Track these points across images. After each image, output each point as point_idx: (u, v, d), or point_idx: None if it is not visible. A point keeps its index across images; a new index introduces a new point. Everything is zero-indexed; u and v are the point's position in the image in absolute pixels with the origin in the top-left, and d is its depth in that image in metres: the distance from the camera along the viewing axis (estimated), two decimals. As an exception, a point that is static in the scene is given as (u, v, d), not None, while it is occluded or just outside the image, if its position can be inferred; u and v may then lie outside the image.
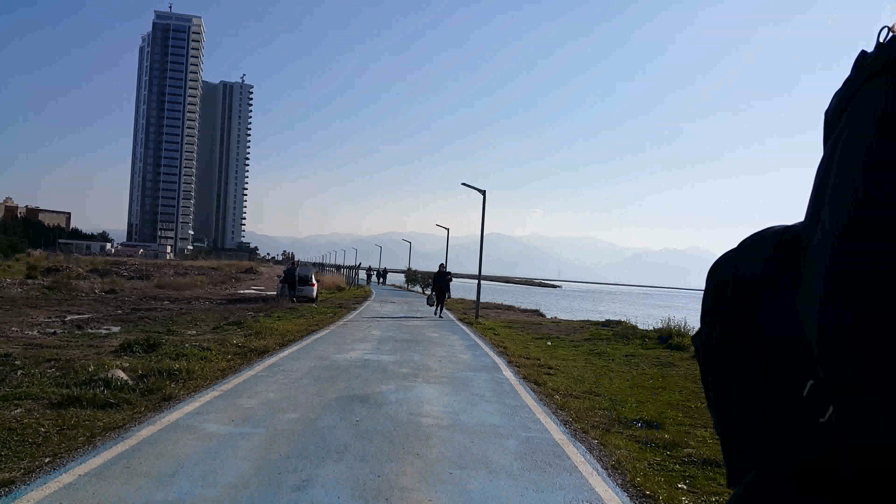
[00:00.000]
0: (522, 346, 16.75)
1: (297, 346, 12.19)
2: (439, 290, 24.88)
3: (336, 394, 7.54)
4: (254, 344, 11.62)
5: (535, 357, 13.58)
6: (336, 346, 12.66)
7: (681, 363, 13.74)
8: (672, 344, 16.77)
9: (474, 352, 13.35)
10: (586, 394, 9.47)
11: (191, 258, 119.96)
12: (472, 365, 11.16)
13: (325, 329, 16.52)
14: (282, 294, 29.67)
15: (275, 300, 28.59)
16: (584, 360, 14.22)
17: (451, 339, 15.72)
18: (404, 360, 11.18)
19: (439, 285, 24.98)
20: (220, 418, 6.09)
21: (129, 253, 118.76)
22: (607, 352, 15.72)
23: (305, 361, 10.12)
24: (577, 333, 22.11)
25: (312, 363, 9.97)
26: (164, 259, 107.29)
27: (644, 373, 12.25)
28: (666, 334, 18.57)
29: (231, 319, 19.57)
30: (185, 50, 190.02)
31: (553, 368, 11.92)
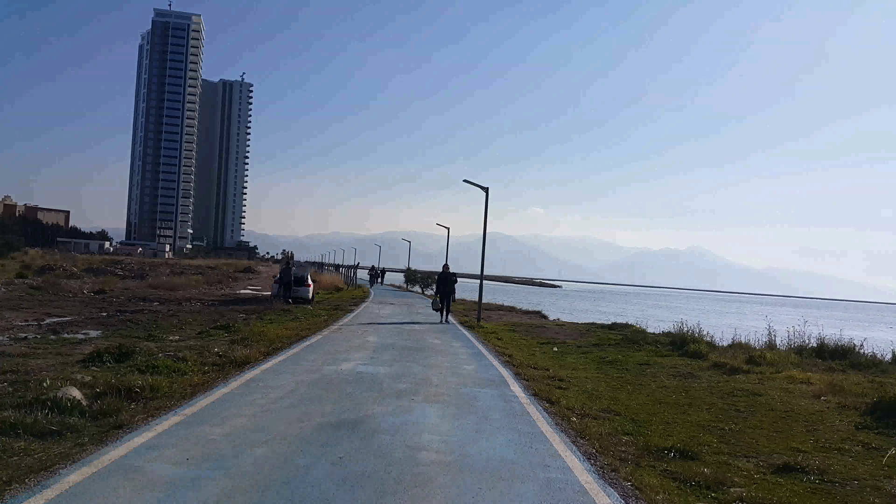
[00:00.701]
0: (528, 353, 15.69)
1: (283, 356, 11.10)
2: (444, 293, 22.40)
3: (320, 419, 6.45)
4: (237, 353, 10.54)
5: (544, 367, 12.52)
6: (328, 355, 11.58)
7: (702, 374, 12.66)
8: (688, 351, 15.68)
9: (479, 362, 12.28)
10: (605, 413, 8.41)
11: (190, 257, 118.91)
12: (477, 378, 10.08)
13: (319, 334, 15.45)
14: (276, 295, 28.57)
15: (269, 301, 27.52)
16: (595, 370, 13.16)
17: (453, 347, 14.64)
18: (403, 372, 10.11)
19: (444, 288, 22.49)
20: (173, 456, 5.01)
21: (128, 252, 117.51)
22: (619, 360, 14.65)
23: (290, 375, 9.03)
24: (584, 337, 21.06)
25: (298, 377, 8.88)
26: (163, 258, 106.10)
27: (664, 385, 11.18)
28: (680, 340, 17.49)
29: (220, 323, 18.53)
30: (184, 48, 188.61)
31: (564, 381, 10.86)
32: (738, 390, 10.74)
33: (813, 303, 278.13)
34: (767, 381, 11.72)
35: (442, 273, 23.20)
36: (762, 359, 14.40)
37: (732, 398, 10.07)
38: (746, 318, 72.60)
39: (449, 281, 22.49)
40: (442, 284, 22.57)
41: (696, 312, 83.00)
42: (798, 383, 11.57)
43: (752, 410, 9.14)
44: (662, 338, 19.66)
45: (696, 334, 18.05)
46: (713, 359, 14.66)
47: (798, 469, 6.17)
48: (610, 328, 25.56)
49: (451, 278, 22.67)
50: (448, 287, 22.37)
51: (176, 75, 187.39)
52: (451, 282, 22.59)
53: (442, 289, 22.49)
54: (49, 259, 53.74)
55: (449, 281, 22.49)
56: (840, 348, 15.71)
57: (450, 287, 22.46)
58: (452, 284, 22.61)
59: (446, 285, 22.39)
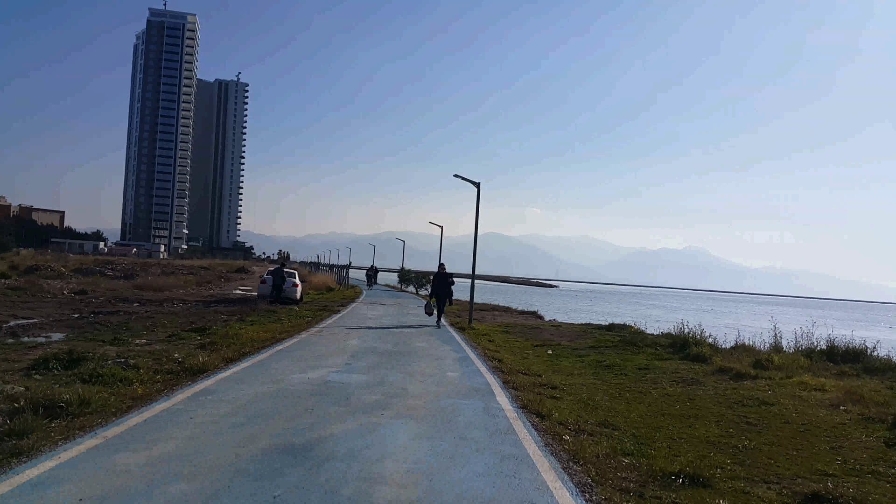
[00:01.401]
0: (520, 356, 14.74)
1: (249, 362, 10.12)
2: (440, 294, 20.64)
3: (266, 442, 5.47)
4: (197, 359, 9.57)
5: (536, 373, 11.57)
6: (299, 361, 10.60)
7: (707, 380, 11.70)
8: (690, 354, 14.73)
9: (465, 367, 11.30)
10: (602, 428, 7.46)
11: (185, 257, 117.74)
12: (460, 387, 9.11)
13: (296, 337, 14.47)
14: (263, 295, 27.64)
15: (253, 302, 26.57)
16: (592, 375, 12.22)
17: (439, 351, 13.67)
18: (378, 381, 9.13)
19: (440, 289, 20.71)
20: (63, 496, 4.04)
21: (123, 252, 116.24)
22: (617, 364, 13.71)
23: (249, 386, 8.05)
24: (580, 339, 20.13)
25: (257, 388, 7.90)
26: (158, 258, 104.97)
27: (666, 393, 10.23)
28: (681, 342, 16.55)
29: (197, 324, 17.58)
30: (179, 47, 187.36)
31: (558, 389, 9.90)
32: (747, 399, 9.79)
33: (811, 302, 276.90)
34: (778, 388, 10.78)
35: (438, 273, 21.43)
36: (769, 363, 13.47)
37: (742, 408, 9.13)
38: (745, 318, 71.71)
39: (446, 281, 20.85)
40: (438, 285, 20.86)
41: (693, 312, 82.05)
42: (811, 390, 10.63)
43: (765, 423, 8.19)
44: (662, 340, 18.74)
45: (697, 336, 17.13)
46: (717, 363, 13.72)
47: (830, 500, 5.22)
48: (607, 329, 24.66)
49: (448, 279, 21.00)
50: (445, 288, 20.74)
51: (171, 75, 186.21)
52: (448, 282, 20.94)
53: (438, 290, 20.80)
54: (39, 259, 52.71)
55: (446, 281, 20.85)
56: (852, 351, 14.77)
57: (447, 288, 20.82)
58: (449, 285, 20.94)
59: (443, 286, 20.73)
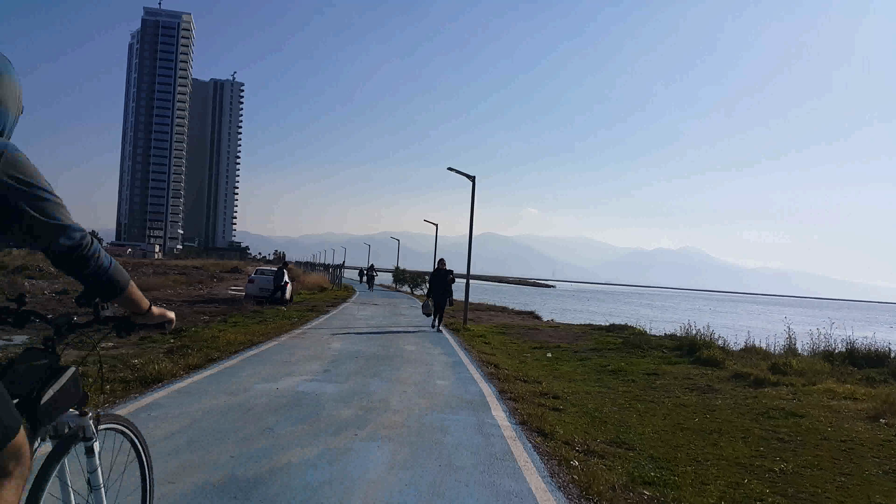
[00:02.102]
0: (518, 360, 13.70)
1: (215, 369, 9.04)
2: (438, 294, 18.71)
3: (202, 475, 4.37)
4: (156, 366, 8.50)
5: (535, 379, 10.52)
6: (271, 367, 9.52)
7: (723, 387, 10.66)
8: (701, 358, 13.70)
9: (457, 374, 10.24)
10: (614, 447, 6.41)
11: (180, 257, 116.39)
12: (450, 399, 8.04)
13: (276, 339, 13.40)
14: (249, 295, 26.73)
15: (238, 302, 25.54)
16: (596, 381, 11.17)
17: (430, 354, 12.60)
18: (356, 391, 8.05)
19: (438, 288, 18.73)
20: None
21: (118, 252, 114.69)
22: (623, 368, 12.66)
23: (204, 399, 6.97)
24: (581, 341, 19.12)
25: (213, 401, 6.82)
26: (153, 258, 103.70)
27: (681, 403, 9.18)
28: (689, 344, 15.53)
29: (175, 326, 16.47)
30: (174, 46, 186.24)
31: (560, 399, 8.85)
32: (771, 409, 8.75)
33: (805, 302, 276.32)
34: (804, 397, 9.74)
35: (437, 270, 19.40)
36: (788, 367, 12.44)
37: (769, 421, 8.09)
38: (744, 319, 70.80)
39: (445, 279, 18.94)
40: (437, 283, 18.90)
41: (691, 312, 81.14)
42: (841, 399, 9.60)
43: (799, 440, 7.15)
44: (667, 342, 17.73)
45: (706, 338, 16.10)
46: (731, 367, 12.69)
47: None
48: (608, 330, 23.71)
49: (449, 276, 19.09)
50: (444, 287, 18.80)
51: (166, 74, 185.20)
52: (448, 281, 19.03)
53: (436, 289, 18.81)
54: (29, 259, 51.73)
55: (445, 279, 18.94)
56: (875, 354, 13.74)
57: (446, 287, 18.88)
58: (449, 284, 19.04)
59: (442, 285, 18.78)
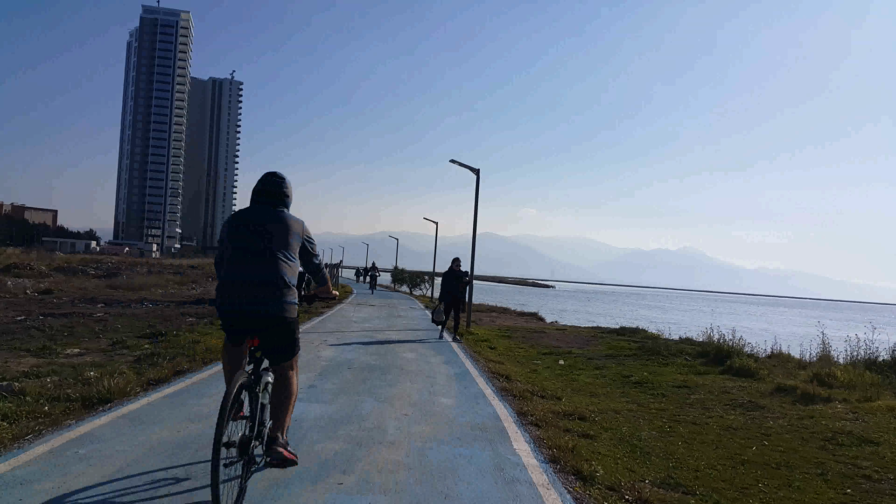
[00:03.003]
0: (529, 368, 12.35)
1: (179, 384, 7.66)
2: (453, 299, 16.16)
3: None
4: (108, 382, 7.15)
5: (554, 393, 9.16)
6: None
7: (768, 403, 9.29)
8: (733, 367, 12.34)
9: (464, 388, 8.87)
10: (668, 490, 5.06)
11: (177, 256, 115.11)
12: (459, 423, 6.65)
13: (261, 346, 12.05)
14: None
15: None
16: (621, 395, 9.82)
17: (431, 364, 11.23)
18: (346, 414, 6.69)
19: (452, 292, 16.19)
20: None
21: (115, 251, 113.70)
22: (648, 379, 11.31)
23: (155, 428, 5.58)
24: (591, 345, 17.80)
25: (164, 433, 5.42)
26: (150, 257, 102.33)
27: (728, 425, 7.82)
28: (715, 351, 14.18)
29: (156, 329, 15.22)
30: (172, 45, 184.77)
31: (587, 420, 7.50)
32: (837, 433, 7.40)
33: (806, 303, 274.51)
34: (867, 417, 8.38)
35: (450, 271, 16.56)
36: (832, 378, 11.09)
37: (841, 450, 6.73)
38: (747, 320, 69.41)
39: (461, 282, 16.43)
40: (449, 287, 16.26)
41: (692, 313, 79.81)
42: (912, 418, 8.27)
43: (891, 478, 5.81)
44: (688, 347, 16.41)
45: (733, 343, 14.72)
46: (769, 378, 11.36)
47: None
48: (619, 333, 22.46)
49: (464, 278, 16.61)
50: (459, 291, 16.33)
51: (164, 72, 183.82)
52: (464, 283, 16.61)
53: (450, 293, 16.20)
54: (23, 258, 50.58)
55: (461, 282, 16.43)
56: (925, 363, 12.40)
57: (461, 291, 16.44)
58: (465, 287, 16.66)
59: (456, 288, 16.27)
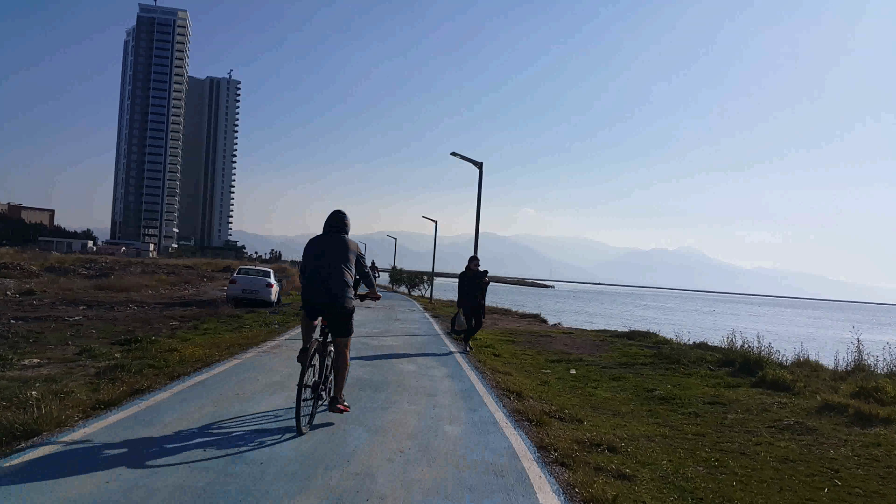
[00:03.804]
0: (539, 380, 11.13)
1: (131, 409, 6.36)
2: (470, 304, 13.91)
3: None
4: (44, 408, 5.91)
5: (573, 414, 7.92)
6: (213, 404, 6.85)
7: (819, 425, 8.03)
8: (766, 380, 11.10)
9: (471, 411, 7.58)
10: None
11: (174, 256, 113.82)
12: (468, 465, 5.31)
13: (241, 356, 10.78)
14: (231, 297, 24.41)
15: (214, 305, 23.05)
16: (648, 414, 8.59)
17: (433, 378, 9.96)
18: (326, 453, 5.38)
19: (469, 296, 13.94)
20: None
21: (111, 251, 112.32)
22: (674, 394, 10.06)
23: (79, 477, 4.31)
24: (602, 351, 16.61)
25: (88, 486, 4.14)
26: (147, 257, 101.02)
27: (784, 456, 6.57)
28: (742, 360, 12.95)
29: (134, 334, 14.06)
30: (170, 44, 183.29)
31: (618, 451, 6.27)
32: (916, 466, 6.20)
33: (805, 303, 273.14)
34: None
35: (468, 273, 14.19)
36: (881, 393, 9.86)
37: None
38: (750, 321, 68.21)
39: (478, 285, 14.12)
40: (467, 290, 13.97)
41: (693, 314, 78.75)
42: None
43: None
44: (709, 355, 15.19)
45: (760, 351, 13.49)
46: (809, 393, 10.14)
47: None
48: (629, 337, 21.28)
49: (483, 280, 14.25)
50: (476, 295, 14.01)
51: (161, 72, 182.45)
52: (483, 285, 14.27)
53: (467, 297, 13.93)
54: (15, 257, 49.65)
55: (478, 285, 14.12)
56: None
57: (480, 295, 14.13)
58: (483, 289, 14.29)
59: (473, 291, 13.95)
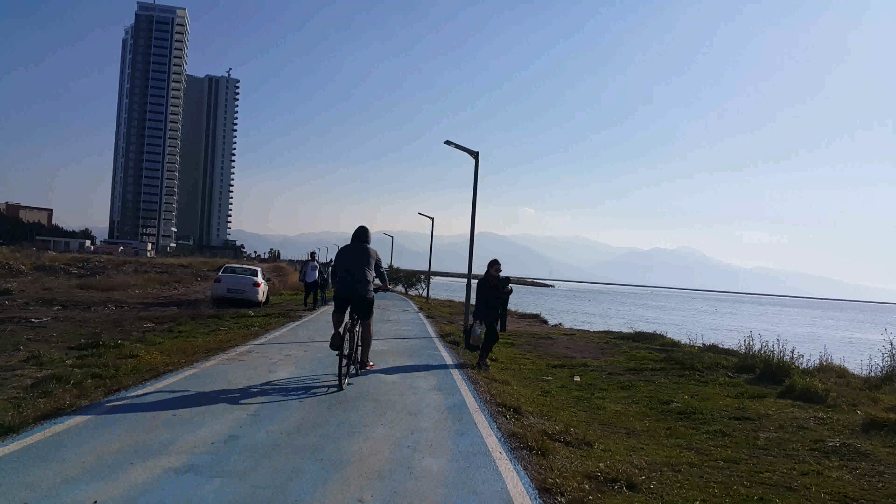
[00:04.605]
0: (539, 389, 9.91)
1: (35, 436, 5.13)
2: (489, 315, 11.33)
3: None
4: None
5: (579, 434, 6.67)
6: (142, 430, 5.64)
7: (867, 444, 6.78)
8: (794, 389, 9.84)
9: (459, 436, 6.24)
10: None
11: (172, 255, 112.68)
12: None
13: (201, 364, 9.57)
14: (216, 297, 23.47)
15: (195, 305, 21.92)
16: (667, 435, 7.36)
17: (417, 390, 8.69)
18: (262, 501, 4.23)
19: (489, 305, 11.34)
20: None
21: (109, 250, 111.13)
22: (694, 407, 8.82)
23: None
24: (608, 355, 15.44)
25: None
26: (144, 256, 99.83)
27: (837, 489, 5.31)
28: (763, 366, 11.71)
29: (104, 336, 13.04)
30: (168, 42, 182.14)
31: (638, 488, 5.03)
32: None
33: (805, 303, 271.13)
34: None
35: (487, 277, 11.52)
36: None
37: None
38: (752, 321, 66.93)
39: (502, 296, 11.60)
40: (488, 299, 11.38)
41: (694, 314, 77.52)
42: None
43: None
44: (723, 359, 13.98)
45: (783, 356, 12.23)
46: (846, 406, 8.91)
47: None
48: (634, 339, 20.12)
49: (505, 287, 11.64)
50: (497, 303, 11.49)
51: (160, 70, 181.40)
52: (505, 294, 11.65)
53: (487, 306, 11.35)
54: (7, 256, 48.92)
55: (502, 296, 11.60)
56: None
57: (500, 303, 11.59)
58: (505, 298, 11.72)
59: (496, 301, 11.46)
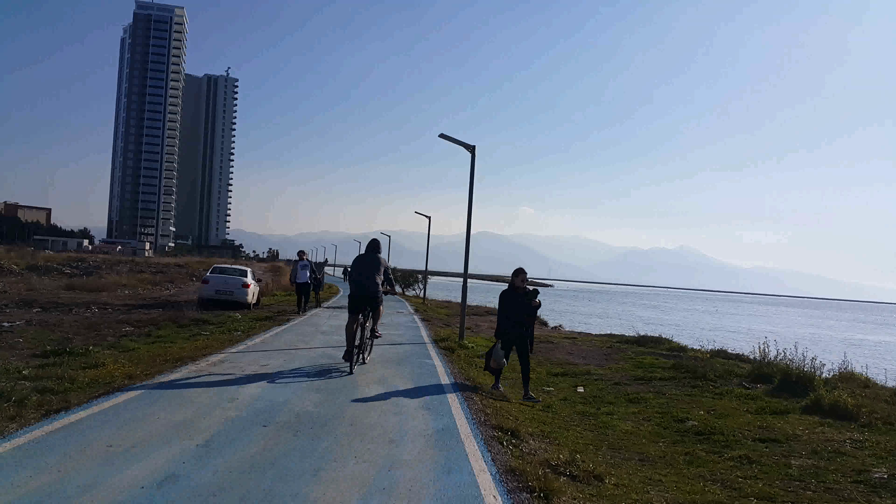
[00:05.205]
0: (541, 406, 9.04)
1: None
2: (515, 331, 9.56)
3: None
4: None
5: (587, 466, 5.73)
6: (80, 459, 4.75)
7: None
8: (821, 404, 8.93)
9: (445, 473, 5.24)
10: None
11: (171, 255, 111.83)
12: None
13: (170, 373, 8.66)
14: (203, 298, 22.55)
15: (180, 307, 20.96)
16: (686, 462, 6.47)
17: (401, 410, 7.68)
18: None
19: (514, 320, 9.58)
20: None
21: (107, 250, 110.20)
22: (712, 425, 7.92)
23: None
24: (613, 361, 14.58)
25: None
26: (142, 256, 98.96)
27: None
28: (782, 376, 10.81)
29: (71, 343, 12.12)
30: (166, 41, 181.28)
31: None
32: None
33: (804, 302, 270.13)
34: None
35: (514, 291, 9.80)
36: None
37: None
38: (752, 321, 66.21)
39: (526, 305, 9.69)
40: (515, 312, 9.65)
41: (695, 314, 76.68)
42: None
43: None
44: (735, 366, 13.14)
45: (801, 365, 11.30)
46: (880, 424, 8.02)
47: None
48: (639, 343, 19.31)
49: (534, 300, 9.72)
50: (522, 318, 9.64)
51: (158, 69, 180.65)
52: (533, 307, 9.76)
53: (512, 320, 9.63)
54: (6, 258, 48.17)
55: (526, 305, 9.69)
56: None
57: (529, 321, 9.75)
58: (533, 311, 9.84)
59: (520, 313, 9.65)
